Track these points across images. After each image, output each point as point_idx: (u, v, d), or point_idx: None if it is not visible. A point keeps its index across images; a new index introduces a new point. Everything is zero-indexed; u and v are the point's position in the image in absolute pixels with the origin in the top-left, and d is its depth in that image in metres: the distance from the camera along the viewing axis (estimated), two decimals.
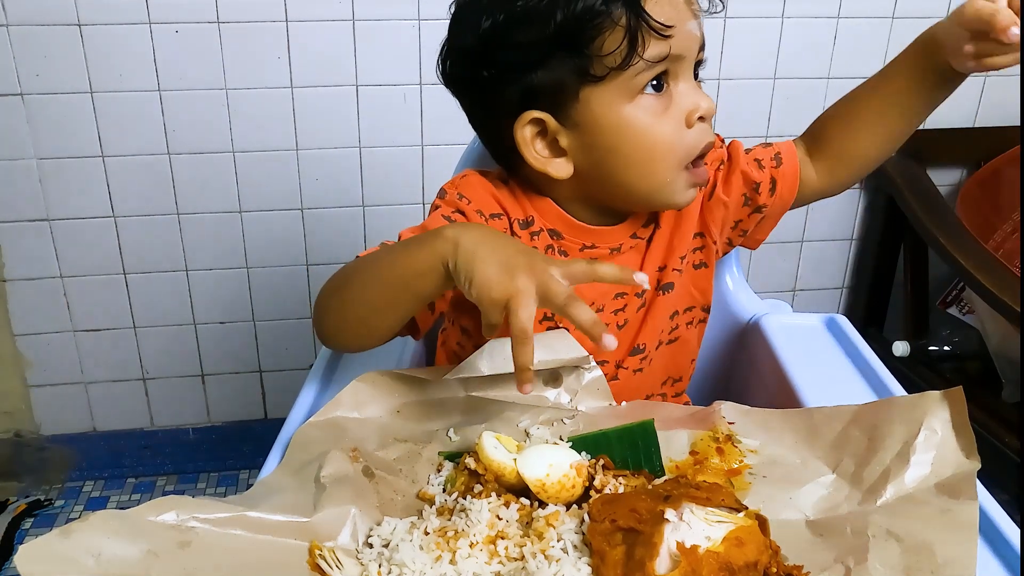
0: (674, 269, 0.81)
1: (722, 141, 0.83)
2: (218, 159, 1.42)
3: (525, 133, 0.71)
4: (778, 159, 0.81)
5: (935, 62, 0.72)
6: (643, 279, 0.61)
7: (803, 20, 1.48)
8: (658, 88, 0.70)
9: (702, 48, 0.72)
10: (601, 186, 0.74)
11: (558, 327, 0.75)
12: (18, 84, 1.32)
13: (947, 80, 0.73)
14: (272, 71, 1.38)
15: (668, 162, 0.71)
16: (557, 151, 0.72)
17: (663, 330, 0.83)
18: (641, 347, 0.81)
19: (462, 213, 0.73)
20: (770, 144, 0.82)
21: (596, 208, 0.77)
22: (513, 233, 0.76)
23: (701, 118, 0.71)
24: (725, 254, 0.87)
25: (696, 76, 0.73)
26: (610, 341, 0.57)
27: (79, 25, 1.30)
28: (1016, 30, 0.64)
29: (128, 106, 1.36)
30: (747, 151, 0.82)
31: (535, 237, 0.76)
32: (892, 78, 0.76)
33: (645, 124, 0.70)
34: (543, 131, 0.71)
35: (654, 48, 0.67)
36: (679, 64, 0.70)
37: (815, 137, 0.82)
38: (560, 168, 0.72)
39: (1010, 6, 0.64)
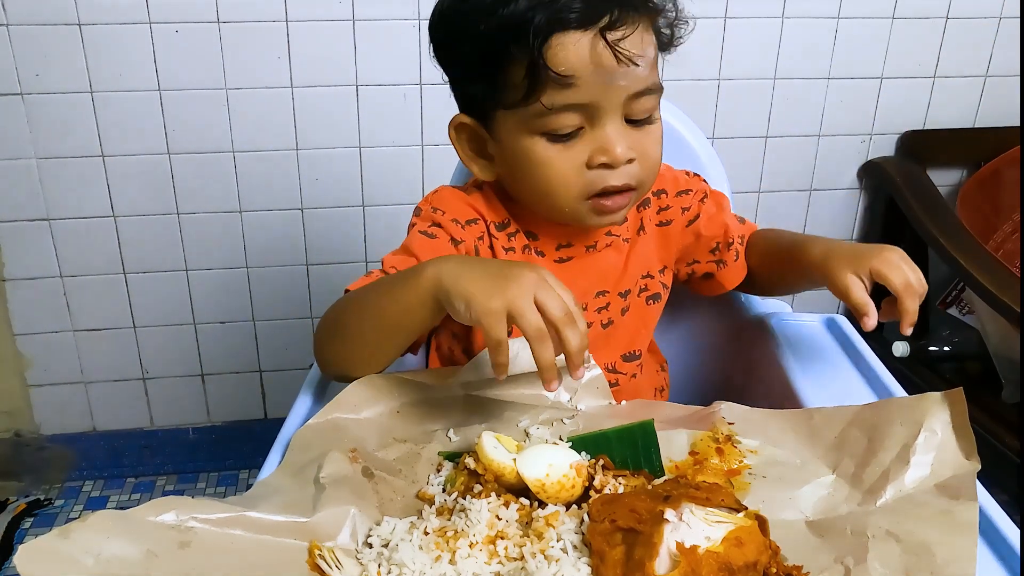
0: (661, 282, 0.83)
1: (703, 183, 0.86)
2: (218, 159, 1.42)
3: (456, 130, 0.74)
4: (744, 242, 0.85)
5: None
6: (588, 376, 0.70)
7: (803, 20, 1.48)
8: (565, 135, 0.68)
9: (643, 93, 0.68)
10: (518, 197, 0.76)
11: None
12: (18, 84, 1.32)
13: None
14: (272, 71, 1.37)
15: (563, 196, 0.71)
16: (485, 155, 0.75)
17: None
18: (636, 353, 0.81)
19: (438, 225, 0.75)
20: (745, 221, 0.86)
21: None
22: (491, 235, 0.77)
23: (604, 164, 0.69)
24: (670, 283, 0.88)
25: (645, 119, 0.70)
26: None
27: (79, 25, 1.30)
28: (871, 322, 0.69)
29: (128, 106, 1.36)
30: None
31: (512, 238, 0.78)
32: (793, 266, 0.80)
33: (542, 159, 0.69)
34: (475, 133, 0.74)
35: (555, 95, 0.66)
36: (594, 112, 0.67)
37: (748, 252, 0.86)
38: (484, 169, 0.75)
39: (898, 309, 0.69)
